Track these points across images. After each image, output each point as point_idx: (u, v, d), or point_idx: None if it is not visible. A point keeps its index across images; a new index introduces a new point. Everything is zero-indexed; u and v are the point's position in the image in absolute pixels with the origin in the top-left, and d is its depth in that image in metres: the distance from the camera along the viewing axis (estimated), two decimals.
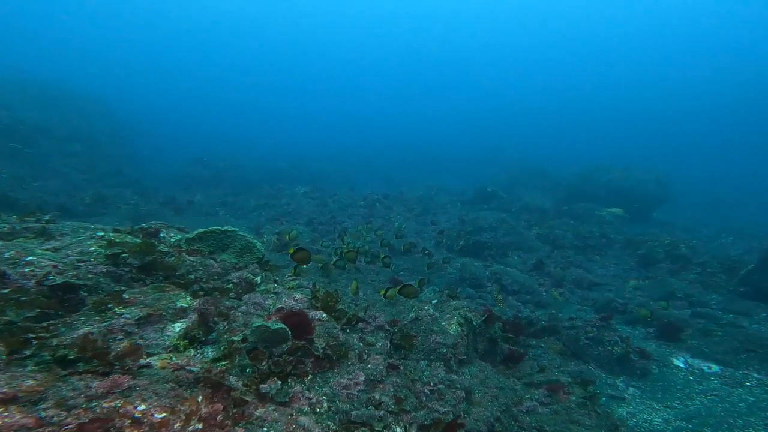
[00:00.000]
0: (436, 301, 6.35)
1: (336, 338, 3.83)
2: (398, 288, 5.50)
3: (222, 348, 2.93)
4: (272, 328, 2.99)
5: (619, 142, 49.05)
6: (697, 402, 5.44)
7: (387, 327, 4.68)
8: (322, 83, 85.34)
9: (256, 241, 4.77)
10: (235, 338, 2.99)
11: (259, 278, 4.58)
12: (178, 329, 3.05)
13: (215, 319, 3.61)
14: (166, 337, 2.96)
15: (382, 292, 5.53)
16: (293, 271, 5.64)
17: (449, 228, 13.79)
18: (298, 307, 4.02)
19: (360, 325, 4.62)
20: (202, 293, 3.85)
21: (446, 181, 25.08)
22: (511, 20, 72.79)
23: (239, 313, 3.86)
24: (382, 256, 8.21)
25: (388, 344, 4.52)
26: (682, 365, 6.45)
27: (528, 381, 5.53)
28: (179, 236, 4.71)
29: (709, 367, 6.28)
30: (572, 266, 11.68)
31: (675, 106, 61.37)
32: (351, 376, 3.63)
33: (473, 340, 5.64)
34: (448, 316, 5.51)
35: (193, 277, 3.88)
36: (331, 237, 11.63)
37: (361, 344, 4.13)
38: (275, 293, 4.57)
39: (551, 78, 74.16)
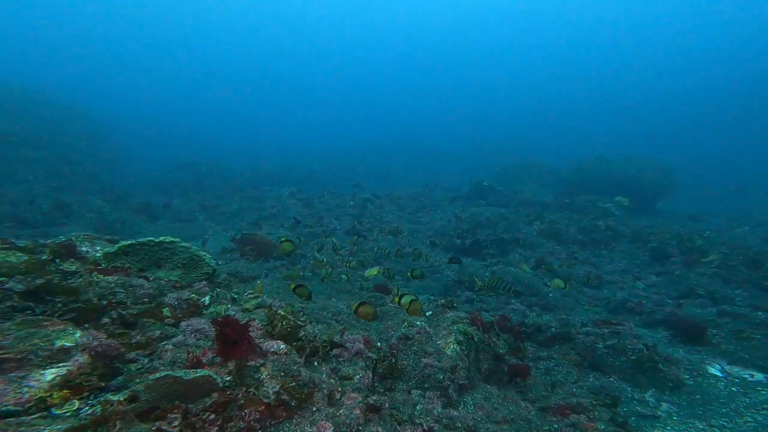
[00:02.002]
0: (430, 312, 5.45)
1: (296, 377, 2.91)
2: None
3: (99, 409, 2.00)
4: (185, 378, 2.07)
5: (617, 133, 48.46)
6: (749, 419, 4.57)
7: (368, 353, 3.77)
8: (312, 83, 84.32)
9: (204, 253, 3.84)
10: (117, 397, 2.06)
11: (207, 298, 3.65)
12: (50, 377, 2.12)
13: (131, 355, 2.69)
14: (27, 389, 2.03)
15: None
16: (257, 287, 4.70)
17: (445, 226, 12.91)
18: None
19: (335, 351, 3.71)
20: (118, 322, 2.92)
21: (441, 178, 24.24)
22: (506, 11, 72.01)
23: (170, 346, 2.94)
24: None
25: (370, 375, 3.61)
26: (719, 374, 5.58)
27: (543, 405, 4.64)
28: (109, 250, 3.77)
29: (752, 376, 5.42)
30: (578, 263, 10.83)
31: (671, 94, 60.78)
32: (313, 430, 2.72)
33: (475, 358, 4.75)
34: (445, 332, 4.60)
35: (106, 301, 2.94)
36: (316, 240, 10.69)
37: (332, 380, 3.21)
38: (227, 316, 3.65)
39: (546, 70, 73.57)
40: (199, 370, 2.17)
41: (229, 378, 2.56)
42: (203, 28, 75.76)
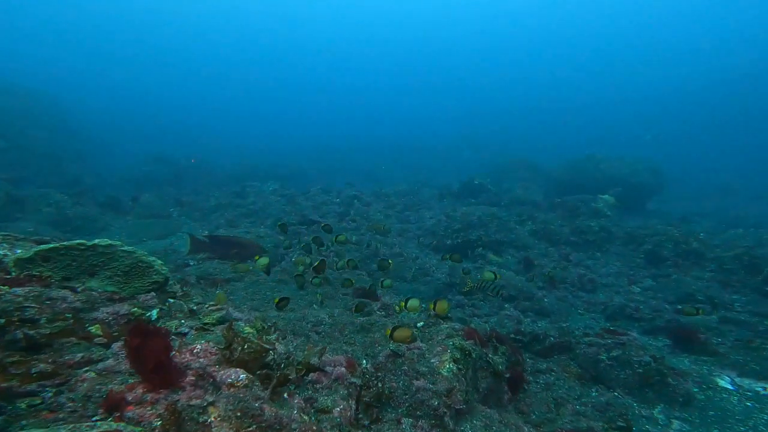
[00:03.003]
0: (422, 323, 4.90)
1: (257, 416, 2.29)
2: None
3: None
4: None
5: (606, 132, 48.81)
6: None
7: (351, 379, 3.18)
8: (300, 78, 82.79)
9: (153, 258, 3.18)
10: None
11: (154, 312, 3.00)
12: None
13: (32, 386, 2.05)
14: None
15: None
16: (218, 296, 4.05)
17: (435, 225, 12.40)
18: (195, 366, 2.48)
19: (313, 376, 3.11)
20: (21, 345, 2.25)
21: (430, 175, 23.78)
22: (495, 8, 71.83)
23: (92, 374, 2.30)
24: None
25: (353, 406, 3.02)
26: (730, 387, 5.20)
27: (549, 430, 4.15)
28: (23, 255, 3.07)
29: (765, 389, 5.05)
30: (571, 265, 10.47)
31: (658, 93, 61.57)
32: None
33: (473, 377, 4.23)
34: (439, 348, 4.05)
35: (4, 320, 2.27)
36: (299, 241, 10.02)
37: (305, 417, 2.61)
38: (179, 334, 3.01)
39: (534, 67, 73.72)
40: (101, 424, 1.54)
41: (159, 423, 1.94)
42: (187, 18, 73.25)
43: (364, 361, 4.09)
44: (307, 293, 6.50)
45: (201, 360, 2.48)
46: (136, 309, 2.83)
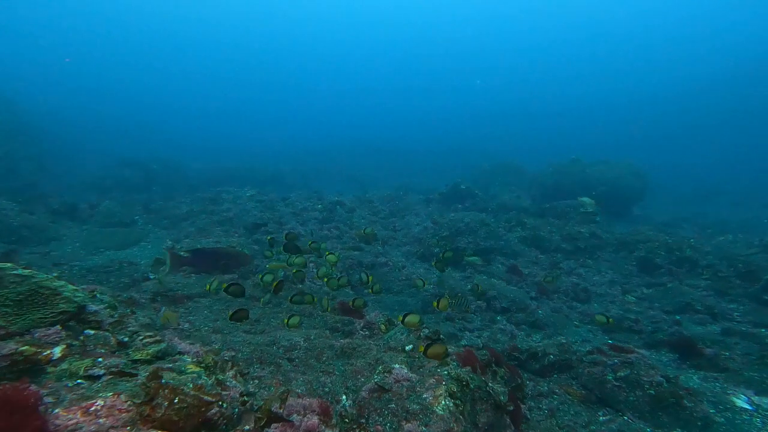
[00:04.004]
0: (411, 347, 4.25)
1: None
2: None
3: None
4: None
5: (589, 136, 49.58)
6: None
7: (325, 431, 2.50)
8: (280, 80, 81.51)
9: (61, 283, 2.44)
10: None
11: (58, 350, 2.26)
12: None
13: None
14: None
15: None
16: (164, 316, 3.30)
17: (421, 232, 11.84)
18: (91, 428, 1.77)
19: (275, 427, 2.42)
20: None
21: (415, 180, 23.30)
22: (482, 12, 72.46)
23: None
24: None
25: None
26: (747, 406, 4.75)
27: None
28: None
29: None
30: (563, 273, 10.05)
31: (640, 98, 62.89)
32: None
33: (471, 411, 3.62)
34: (432, 381, 3.41)
35: None
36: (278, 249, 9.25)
37: None
38: (89, 377, 2.28)
39: (517, 72, 74.72)
40: None
41: None
42: (161, 11, 70.31)
43: (344, 398, 3.42)
44: (281, 311, 5.77)
45: (101, 422, 1.76)
46: (26, 348, 2.09)
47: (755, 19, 51.09)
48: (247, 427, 2.28)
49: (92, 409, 1.75)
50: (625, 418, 4.77)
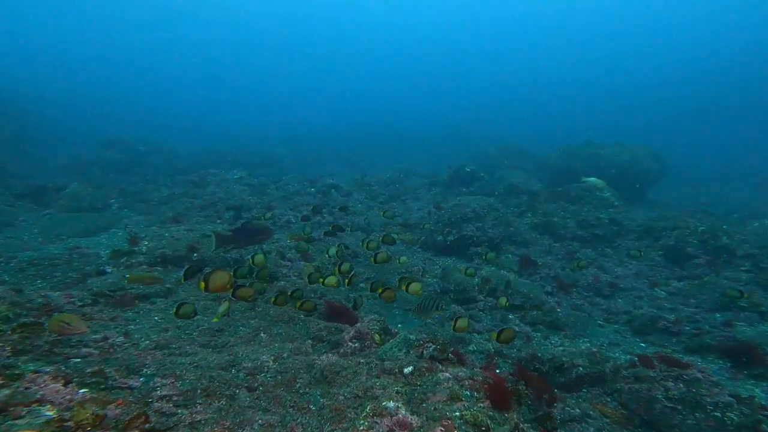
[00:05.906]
0: (411, 369, 3.26)
1: None
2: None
3: None
4: None
5: (601, 119, 47.87)
6: None
7: None
8: (277, 63, 79.05)
9: None
10: None
11: None
12: None
13: None
14: None
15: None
16: (54, 320, 2.27)
17: (423, 218, 10.81)
18: None
19: None
20: None
21: (416, 163, 22.12)
22: None
23: None
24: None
25: None
26: None
27: None
28: None
29: None
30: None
31: (653, 81, 60.82)
32: None
33: None
34: (440, 428, 2.43)
35: None
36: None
37: None
38: None
39: (522, 54, 72.25)
40: None
41: None
42: None
43: None
44: (254, 315, 4.77)
45: None
46: None
47: None
48: None
49: None
50: None
